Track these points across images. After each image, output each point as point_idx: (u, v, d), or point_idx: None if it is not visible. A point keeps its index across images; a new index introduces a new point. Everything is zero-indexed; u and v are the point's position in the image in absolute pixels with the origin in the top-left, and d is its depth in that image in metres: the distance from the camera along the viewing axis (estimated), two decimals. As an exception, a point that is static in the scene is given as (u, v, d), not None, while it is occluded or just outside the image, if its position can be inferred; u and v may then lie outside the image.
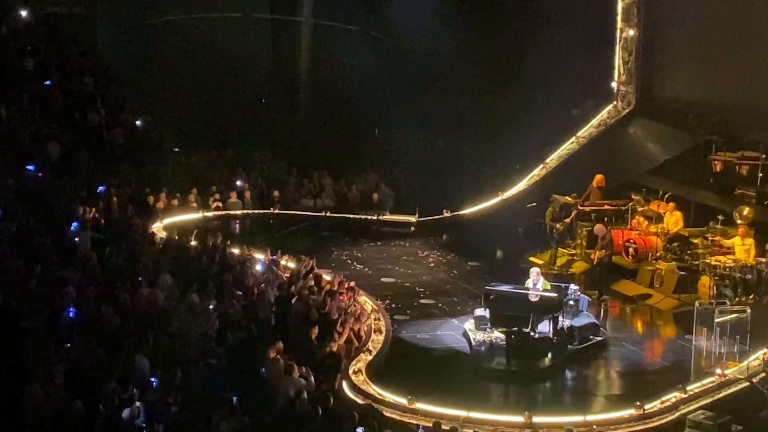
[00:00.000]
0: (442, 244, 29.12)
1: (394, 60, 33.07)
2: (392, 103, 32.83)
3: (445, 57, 32.40)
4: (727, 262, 23.47)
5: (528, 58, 31.66)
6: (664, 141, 30.45)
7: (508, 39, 32.75)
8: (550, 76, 30.54)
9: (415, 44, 32.89)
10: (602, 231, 25.76)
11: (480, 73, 32.19)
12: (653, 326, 23.93)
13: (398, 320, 22.85)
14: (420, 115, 32.49)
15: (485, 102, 31.93)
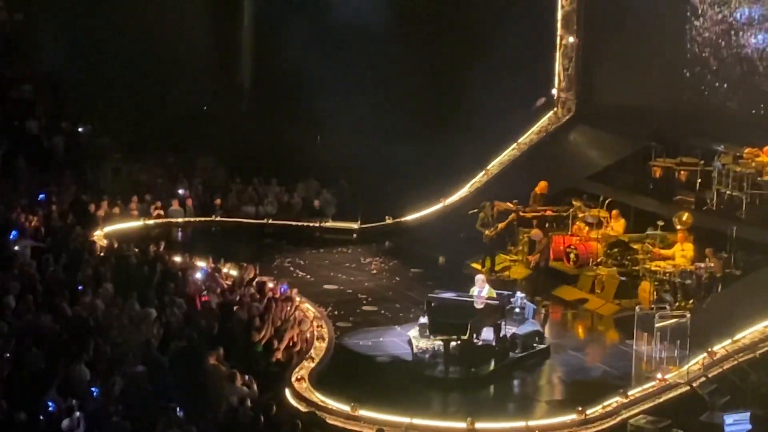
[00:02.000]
0: (384, 250, 29.13)
1: (337, 66, 33.03)
2: (335, 109, 32.81)
3: (388, 63, 32.44)
4: (666, 267, 23.66)
5: (470, 64, 31.78)
6: (604, 147, 30.66)
7: (450, 45, 32.87)
8: (491, 83, 30.64)
9: (358, 50, 32.89)
10: (538, 236, 25.89)
11: (423, 79, 32.31)
12: (594, 332, 24.06)
13: (341, 327, 22.81)
14: (362, 121, 32.48)
15: (428, 108, 32.03)
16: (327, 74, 32.64)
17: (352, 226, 30.38)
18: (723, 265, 23.40)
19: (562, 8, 32.23)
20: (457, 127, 31.28)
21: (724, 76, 28.86)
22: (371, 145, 32.07)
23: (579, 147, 31.58)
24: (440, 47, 33.02)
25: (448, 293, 21.68)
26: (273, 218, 30.76)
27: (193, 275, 23.17)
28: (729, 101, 28.60)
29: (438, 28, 33.17)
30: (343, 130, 32.54)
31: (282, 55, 33.60)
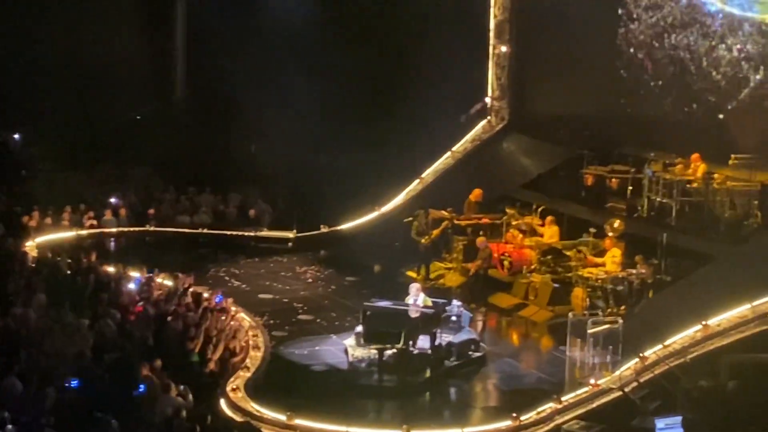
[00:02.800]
0: (320, 259, 29.13)
1: (271, 74, 33.03)
2: (269, 117, 32.80)
3: (323, 71, 32.48)
4: (599, 274, 23.91)
5: (404, 72, 31.97)
6: (537, 155, 30.92)
7: (384, 54, 32.98)
8: (426, 91, 30.82)
9: (293, 59, 32.91)
10: (483, 244, 26.05)
11: (357, 88, 32.38)
12: (528, 338, 24.24)
13: (276, 336, 22.77)
14: (297, 130, 32.50)
15: (363, 116, 32.11)
16: (261, 83, 32.65)
17: (288, 235, 30.34)
18: (654, 272, 23.70)
19: (494, 17, 32.49)
20: (391, 135, 31.42)
21: (658, 78, 29.19)
22: (306, 153, 32.13)
23: (512, 155, 31.82)
24: (375, 56, 33.12)
25: (383, 302, 21.76)
26: (208, 227, 30.64)
27: (127, 286, 23.05)
28: (663, 101, 28.95)
29: (373, 37, 33.26)
30: (277, 139, 32.53)
31: (215, 63, 33.57)
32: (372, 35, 33.18)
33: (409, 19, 32.52)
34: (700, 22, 28.01)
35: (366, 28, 33.28)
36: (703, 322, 20.69)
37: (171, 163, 33.18)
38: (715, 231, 24.79)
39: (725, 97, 27.45)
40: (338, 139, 32.06)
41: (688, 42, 28.30)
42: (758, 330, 20.39)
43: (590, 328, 20.92)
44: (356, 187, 30.56)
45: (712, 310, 20.91)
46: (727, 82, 27.44)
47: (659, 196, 25.89)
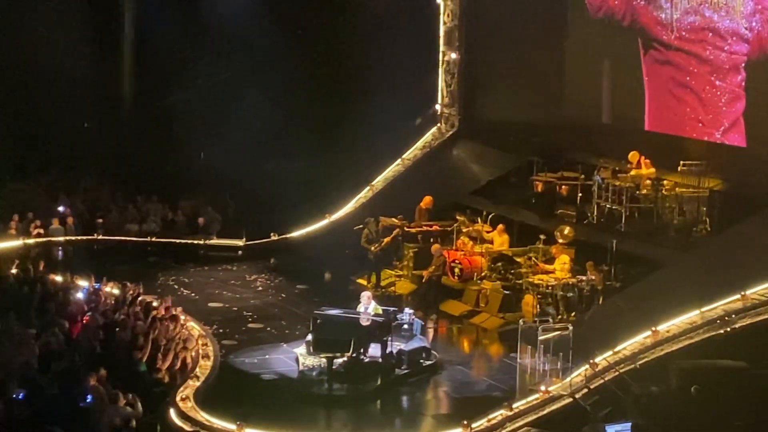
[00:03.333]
0: (270, 267, 29.02)
1: (221, 82, 32.91)
2: (219, 125, 32.67)
3: (272, 80, 32.39)
4: (549, 280, 23.96)
5: (354, 80, 31.96)
6: (487, 162, 30.98)
7: (334, 61, 32.95)
8: (375, 99, 30.84)
9: (242, 66, 32.79)
10: (438, 251, 26.04)
11: (307, 95, 32.31)
12: (479, 345, 24.27)
13: (226, 345, 22.65)
14: (247, 136, 32.38)
15: (313, 124, 32.03)
16: (210, 90, 32.52)
17: (237, 243, 30.22)
18: (604, 278, 23.79)
19: (444, 25, 32.57)
20: (341, 142, 31.41)
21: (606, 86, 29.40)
22: (256, 160, 31.99)
23: (462, 162, 31.86)
24: (325, 63, 33.08)
25: (334, 310, 21.70)
26: (156, 236, 30.45)
27: (75, 295, 22.85)
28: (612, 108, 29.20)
29: (322, 44, 33.23)
30: (227, 146, 32.40)
31: (163, 70, 33.35)
32: (321, 42, 33.14)
33: (359, 27, 32.51)
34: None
35: (315, 35, 33.24)
36: (653, 328, 20.77)
37: (119, 171, 32.95)
38: (665, 237, 24.93)
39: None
40: (288, 146, 31.98)
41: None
42: (707, 336, 20.49)
43: (541, 335, 20.95)
44: (306, 194, 30.51)
45: (662, 316, 21.00)
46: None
47: (609, 203, 25.99)
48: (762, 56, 25.19)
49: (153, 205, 31.81)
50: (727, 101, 26.11)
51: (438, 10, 32.52)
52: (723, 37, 26.01)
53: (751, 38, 25.41)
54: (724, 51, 26.02)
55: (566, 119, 30.02)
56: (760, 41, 25.20)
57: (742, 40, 25.63)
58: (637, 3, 27.97)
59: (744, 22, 25.54)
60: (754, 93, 25.52)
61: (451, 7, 32.45)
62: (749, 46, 25.45)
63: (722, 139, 26.28)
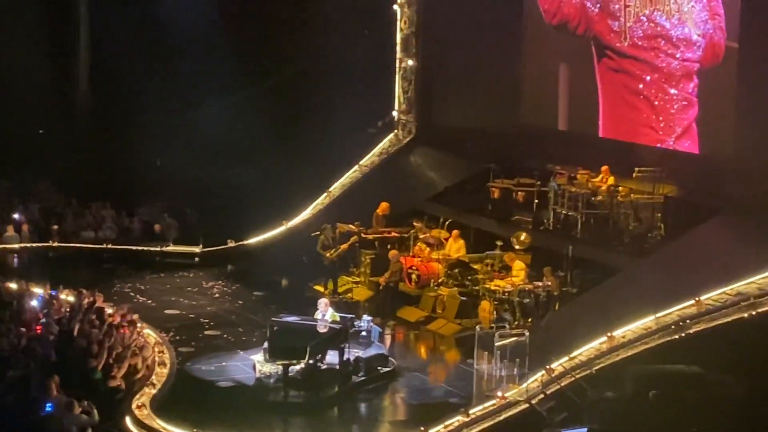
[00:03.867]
0: (226, 274, 28.96)
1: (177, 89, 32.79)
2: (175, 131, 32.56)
3: (228, 87, 32.34)
4: (505, 286, 24.04)
5: (311, 87, 31.97)
6: (444, 168, 31.06)
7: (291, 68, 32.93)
8: (334, 105, 30.89)
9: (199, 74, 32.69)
10: (395, 257, 26.07)
11: (263, 102, 32.26)
12: (436, 351, 24.30)
13: (183, 352, 22.58)
14: (204, 143, 32.30)
15: (270, 130, 31.96)
16: (166, 97, 32.40)
17: (194, 249, 30.11)
18: (560, 284, 23.92)
19: (401, 31, 32.63)
20: (299, 149, 31.38)
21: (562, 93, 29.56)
22: (212, 167, 31.91)
23: (420, 169, 31.92)
24: (282, 69, 33.04)
25: (291, 317, 21.70)
26: (112, 243, 30.30)
27: (30, 302, 22.69)
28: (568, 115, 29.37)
29: (279, 50, 33.19)
30: (183, 153, 32.30)
31: (119, 77, 33.18)
32: (278, 49, 33.11)
33: (316, 34, 32.49)
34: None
35: (272, 42, 33.19)
36: (609, 334, 20.86)
37: (75, 177, 32.75)
38: (620, 243, 25.12)
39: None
40: (245, 153, 31.91)
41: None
42: (662, 341, 20.59)
43: (497, 341, 21.01)
44: (263, 201, 30.43)
45: (618, 322, 21.10)
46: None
47: (565, 209, 26.15)
48: (715, 62, 25.41)
49: (109, 212, 31.65)
50: (680, 108, 26.33)
51: (395, 17, 32.57)
52: (675, 45, 26.23)
53: (703, 45, 25.63)
54: (676, 58, 26.24)
55: (523, 126, 30.18)
56: (713, 48, 25.43)
57: (694, 47, 25.86)
58: (590, 11, 28.15)
59: (696, 29, 25.76)
60: (707, 100, 25.74)
61: (407, 14, 32.52)
62: (702, 53, 25.67)
63: (675, 145, 26.50)
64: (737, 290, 20.98)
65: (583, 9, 28.29)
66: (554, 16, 29.11)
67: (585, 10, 28.25)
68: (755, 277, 21.03)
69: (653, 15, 26.62)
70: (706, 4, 25.55)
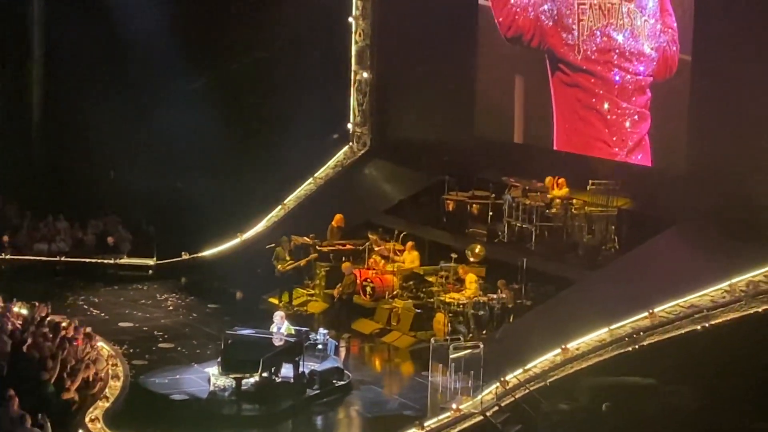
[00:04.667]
0: (181, 286, 28.84)
1: (131, 99, 32.63)
2: (129, 143, 32.39)
3: (183, 95, 32.19)
4: (460, 299, 24.09)
5: (266, 98, 31.91)
6: (398, 181, 31.11)
7: (246, 79, 32.83)
8: (289, 117, 30.87)
9: (153, 84, 32.53)
10: (349, 269, 26.07)
11: (218, 113, 32.13)
12: (391, 364, 24.31)
13: (137, 366, 22.47)
14: (157, 154, 32.16)
15: (224, 142, 31.83)
16: (120, 108, 32.23)
17: (148, 262, 29.98)
18: (514, 296, 23.99)
19: (355, 44, 32.67)
20: (253, 161, 31.31)
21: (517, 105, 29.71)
22: (166, 179, 31.77)
23: (374, 181, 31.95)
24: (236, 80, 32.95)
25: (246, 330, 21.64)
26: (66, 255, 30.10)
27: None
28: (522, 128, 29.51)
29: (234, 62, 33.10)
30: (137, 165, 32.14)
31: (72, 87, 32.96)
32: (233, 60, 33.01)
33: (271, 45, 32.44)
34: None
35: (227, 53, 33.09)
36: (563, 346, 20.98)
37: (27, 189, 32.48)
38: (574, 256, 25.25)
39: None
40: (199, 164, 31.79)
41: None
42: (616, 353, 20.73)
43: (452, 353, 21.02)
44: (218, 213, 30.33)
45: (572, 334, 21.23)
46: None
47: (519, 222, 26.25)
48: (668, 75, 25.60)
49: (63, 224, 31.42)
50: (633, 122, 26.49)
51: (349, 29, 32.61)
52: (628, 59, 26.40)
53: (657, 58, 25.82)
54: (629, 72, 26.41)
55: (478, 138, 30.25)
56: (666, 61, 25.62)
57: (647, 61, 26.04)
58: (545, 24, 28.29)
59: (650, 42, 25.95)
60: (660, 113, 25.92)
61: (362, 26, 32.57)
62: (655, 66, 25.86)
63: (628, 158, 26.65)
64: (690, 302, 21.17)
65: (538, 22, 28.42)
66: (509, 28, 29.24)
67: (539, 22, 28.39)
68: (708, 289, 21.23)
69: (606, 29, 26.79)
70: (659, 17, 25.73)
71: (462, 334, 23.08)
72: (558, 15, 27.92)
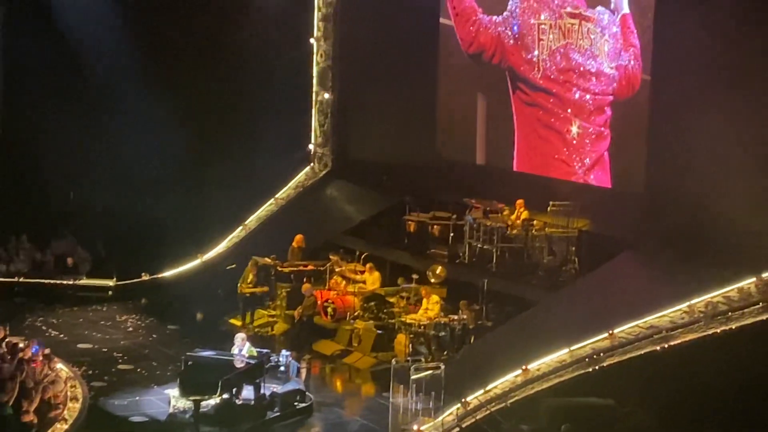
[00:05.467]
0: (141, 308, 28.68)
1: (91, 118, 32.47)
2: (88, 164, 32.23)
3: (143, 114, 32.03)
4: (421, 320, 24.10)
5: (228, 119, 31.86)
6: (360, 202, 31.13)
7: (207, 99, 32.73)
8: (250, 137, 30.84)
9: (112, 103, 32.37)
10: (308, 291, 26.04)
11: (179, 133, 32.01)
12: (353, 385, 24.27)
13: (96, 387, 22.33)
14: (118, 175, 32.01)
15: (185, 163, 31.75)
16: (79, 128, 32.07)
17: (108, 283, 29.82)
18: (475, 317, 24.02)
19: (317, 65, 32.70)
20: (214, 181, 31.22)
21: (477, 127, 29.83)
22: (127, 199, 31.62)
23: (336, 202, 31.95)
24: (198, 101, 32.85)
25: (207, 351, 21.56)
26: (24, 276, 29.89)
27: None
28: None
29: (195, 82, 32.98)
30: (97, 185, 31.98)
31: (31, 109, 32.74)
32: (194, 80, 32.90)
33: (232, 66, 32.40)
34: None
35: (188, 73, 32.98)
36: (524, 367, 21.00)
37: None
38: (535, 277, 25.32)
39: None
40: (160, 184, 31.67)
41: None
42: (576, 374, 20.77)
43: (413, 374, 21.01)
44: (178, 233, 30.24)
45: (532, 355, 21.26)
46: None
47: (480, 243, 26.31)
48: (630, 94, 25.71)
49: (21, 244, 31.21)
50: (592, 141, 26.64)
51: (311, 50, 32.65)
52: (588, 78, 26.56)
53: (618, 77, 25.95)
54: (589, 92, 26.56)
55: (440, 159, 30.34)
56: (629, 79, 25.73)
57: (608, 80, 26.19)
58: (506, 41, 28.44)
59: (610, 62, 26.11)
60: (620, 133, 26.07)
61: (324, 47, 32.61)
62: (616, 84, 26.00)
63: (588, 179, 26.78)
64: (650, 323, 21.23)
65: (499, 39, 28.57)
66: (470, 45, 29.38)
67: (500, 40, 28.54)
68: (667, 310, 21.30)
69: (567, 48, 26.95)
70: (620, 35, 25.90)
71: (423, 355, 23.10)
72: (519, 34, 28.08)
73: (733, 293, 21.21)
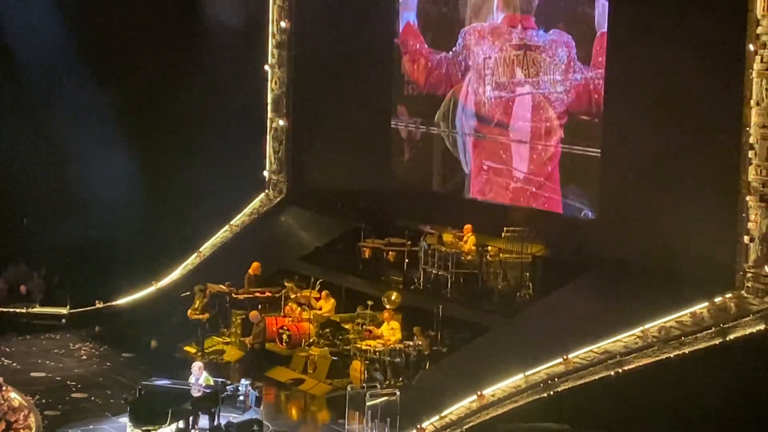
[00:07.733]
0: (94, 335, 28.47)
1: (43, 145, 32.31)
2: (42, 190, 32.06)
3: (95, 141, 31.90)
4: (376, 346, 24.12)
5: (182, 146, 31.80)
6: (315, 228, 31.14)
7: (161, 126, 32.67)
8: (203, 164, 30.79)
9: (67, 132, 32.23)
10: (256, 318, 26.01)
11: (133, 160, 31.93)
12: (308, 412, 24.21)
13: (49, 416, 22.15)
14: (71, 201, 31.83)
15: (139, 189, 31.63)
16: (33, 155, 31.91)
17: (61, 311, 29.60)
18: (430, 343, 24.08)
19: (271, 91, 32.74)
20: (169, 208, 31.14)
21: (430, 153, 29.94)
22: (80, 226, 31.45)
23: (290, 228, 31.94)
24: (152, 128, 32.78)
25: (163, 380, 21.43)
26: (-24, 305, 29.68)
27: None
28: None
29: (149, 109, 32.93)
30: (50, 212, 31.79)
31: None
32: (148, 107, 32.85)
33: (187, 93, 32.38)
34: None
35: (142, 100, 32.92)
36: (479, 392, 21.07)
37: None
38: (489, 302, 25.44)
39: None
40: (114, 211, 31.50)
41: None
42: (531, 399, 20.87)
43: (368, 401, 21.04)
44: (132, 261, 30.11)
45: (488, 380, 21.34)
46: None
47: (435, 269, 26.40)
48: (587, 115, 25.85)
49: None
50: (543, 167, 26.80)
51: (265, 77, 32.70)
52: (538, 106, 26.75)
53: (569, 102, 26.10)
54: (541, 120, 26.74)
55: (395, 186, 30.44)
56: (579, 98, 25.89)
57: (558, 104, 26.36)
58: (453, 76, 28.67)
59: (557, 87, 26.30)
60: (571, 158, 26.22)
61: (278, 74, 32.67)
62: (566, 108, 26.18)
63: (540, 205, 26.93)
64: (604, 348, 21.39)
65: (448, 75, 28.80)
66: (423, 86, 29.60)
67: (449, 75, 28.76)
68: (621, 335, 21.47)
69: (509, 83, 27.17)
70: (572, 61, 26.04)
71: (378, 381, 23.08)
72: (466, 66, 28.26)
73: (686, 318, 21.44)
